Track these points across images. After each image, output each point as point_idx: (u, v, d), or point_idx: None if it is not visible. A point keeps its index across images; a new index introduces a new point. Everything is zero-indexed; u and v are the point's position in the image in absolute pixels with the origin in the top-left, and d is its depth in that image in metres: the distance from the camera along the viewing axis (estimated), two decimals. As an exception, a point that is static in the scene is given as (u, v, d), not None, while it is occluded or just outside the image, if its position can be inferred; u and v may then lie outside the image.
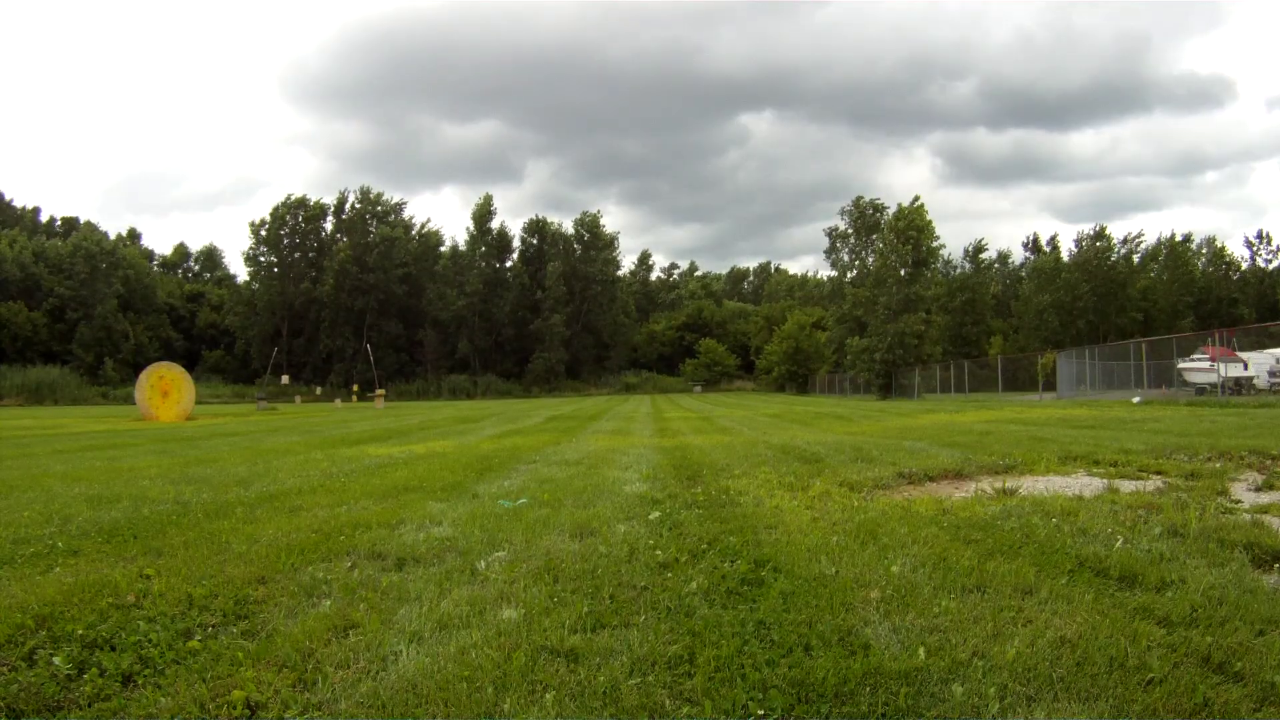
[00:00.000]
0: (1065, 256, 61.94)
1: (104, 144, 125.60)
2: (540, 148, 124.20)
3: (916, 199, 45.00)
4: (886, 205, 51.40)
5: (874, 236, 50.64)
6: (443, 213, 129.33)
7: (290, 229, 68.11)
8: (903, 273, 44.59)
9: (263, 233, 67.46)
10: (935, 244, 45.72)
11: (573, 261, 69.59)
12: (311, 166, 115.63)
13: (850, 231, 52.92)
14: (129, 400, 36.44)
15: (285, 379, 50.55)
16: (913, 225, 44.19)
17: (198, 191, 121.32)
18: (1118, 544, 3.17)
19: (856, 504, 4.40)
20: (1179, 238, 63.18)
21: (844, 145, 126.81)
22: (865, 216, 52.27)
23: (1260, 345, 24.58)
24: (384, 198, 69.62)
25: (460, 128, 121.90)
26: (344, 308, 64.94)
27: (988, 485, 5.01)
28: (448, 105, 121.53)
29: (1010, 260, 71.06)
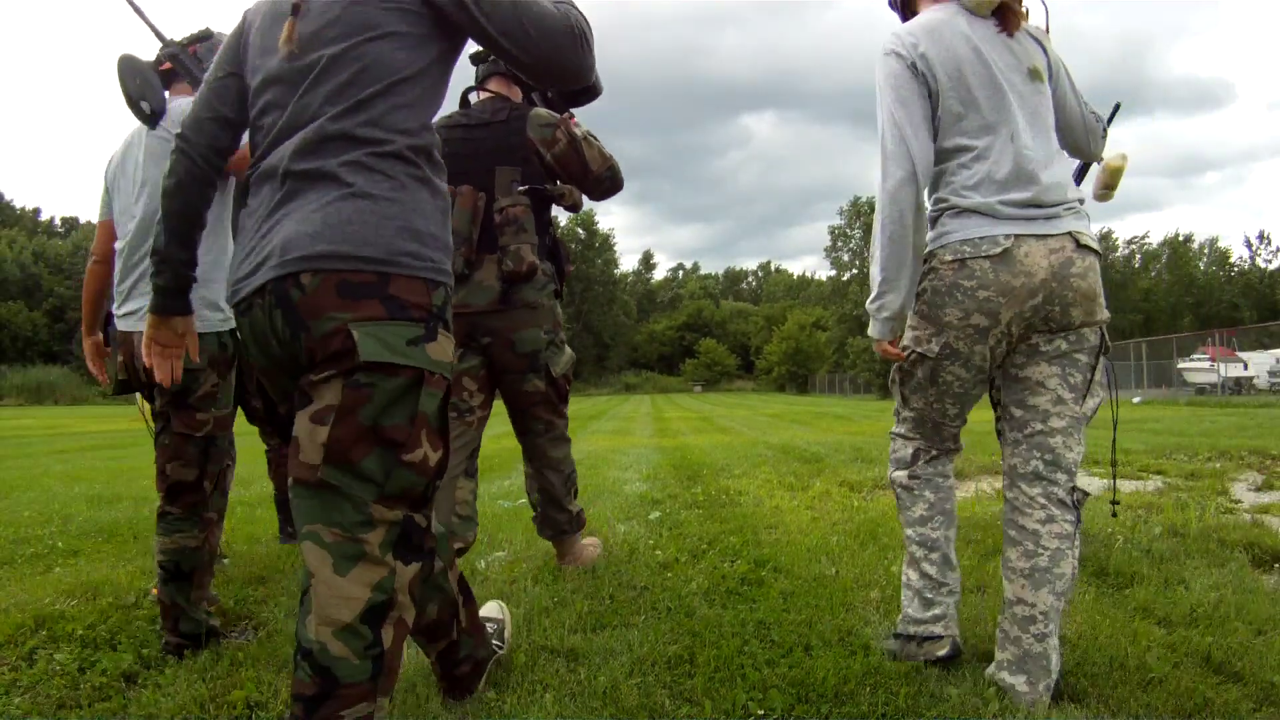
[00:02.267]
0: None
1: (108, 145, 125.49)
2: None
3: None
4: None
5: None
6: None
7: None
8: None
9: (263, 233, 67.51)
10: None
11: (574, 261, 69.81)
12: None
13: (851, 231, 52.89)
14: (129, 400, 36.37)
15: (285, 379, 50.43)
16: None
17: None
18: (1118, 544, 3.17)
19: (857, 504, 4.40)
20: (1180, 238, 63.16)
21: (846, 146, 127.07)
22: (865, 216, 52.31)
23: (1261, 345, 24.56)
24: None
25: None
26: (344, 308, 64.96)
27: (988, 485, 5.01)
28: (449, 105, 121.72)
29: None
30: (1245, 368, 22.56)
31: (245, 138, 1.52)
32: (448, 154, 2.03)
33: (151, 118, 2.22)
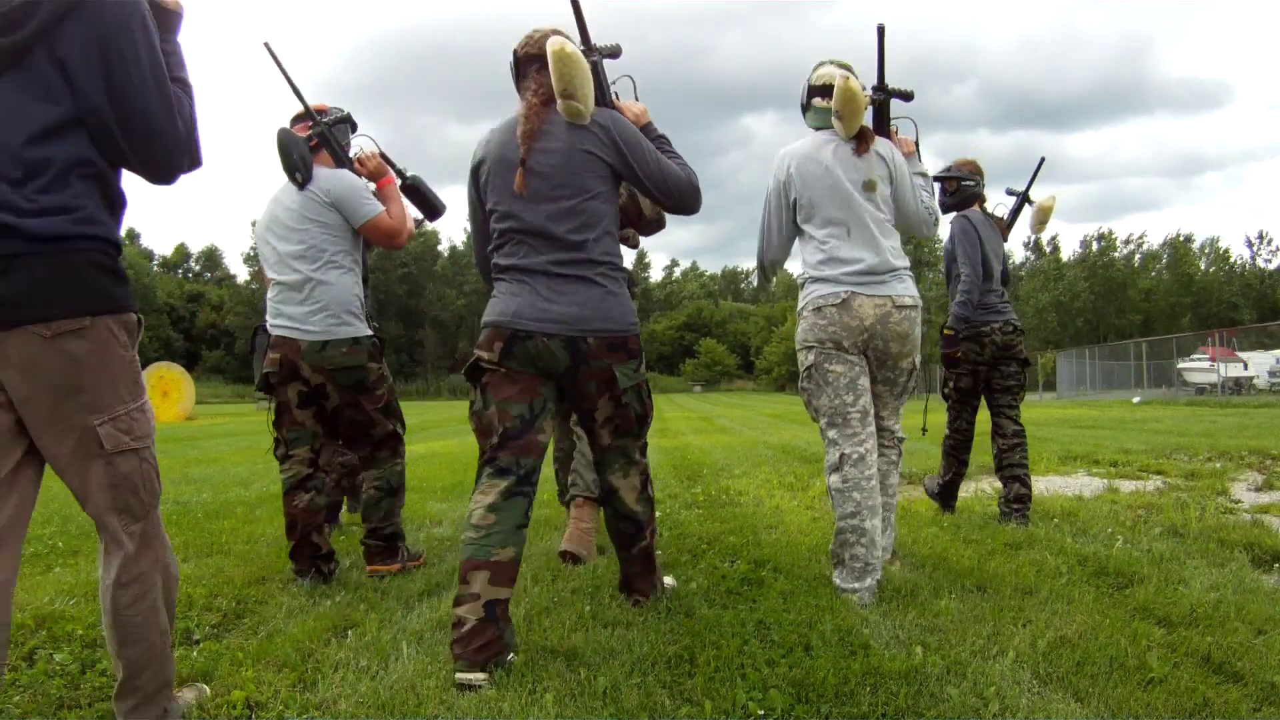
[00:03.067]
0: (1066, 257, 61.84)
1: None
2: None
3: None
4: None
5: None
6: (450, 213, 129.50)
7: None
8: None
9: (263, 233, 67.36)
10: (937, 244, 45.73)
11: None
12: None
13: None
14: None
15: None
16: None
17: (206, 191, 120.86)
18: (1118, 544, 3.17)
19: (856, 504, 4.39)
20: (1180, 238, 63.10)
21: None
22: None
23: (1262, 345, 24.48)
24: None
25: (466, 128, 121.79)
26: (344, 308, 64.83)
27: (988, 485, 5.01)
28: (454, 106, 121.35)
29: (1010, 260, 70.92)
30: (1245, 368, 22.56)
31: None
32: None
33: (303, 184, 2.93)
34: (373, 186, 3.05)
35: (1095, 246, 59.71)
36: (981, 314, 3.83)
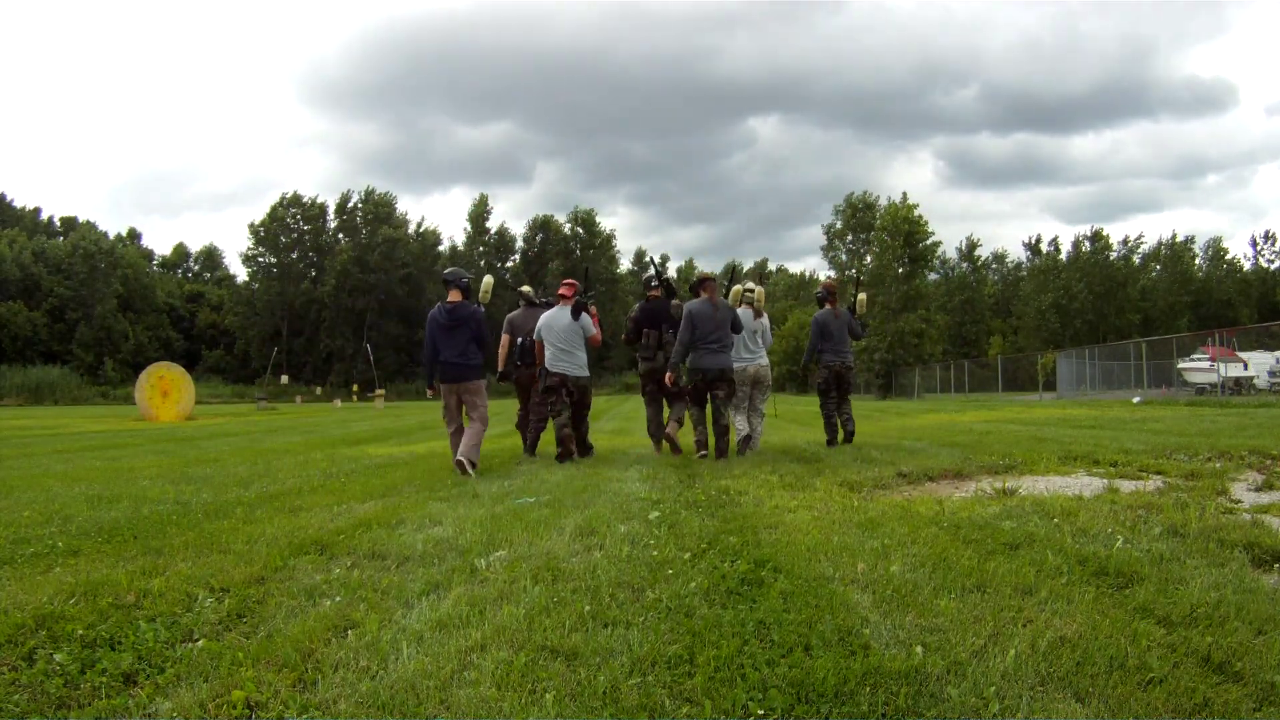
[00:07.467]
0: (1064, 257, 61.85)
1: (112, 144, 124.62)
2: (549, 150, 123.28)
3: (905, 197, 45.36)
4: (877, 195, 51.71)
5: (869, 235, 50.89)
6: (451, 214, 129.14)
7: (288, 228, 67.99)
8: (900, 270, 44.62)
9: (261, 233, 67.40)
10: (931, 240, 45.77)
11: (574, 261, 69.60)
12: (324, 168, 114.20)
13: (845, 229, 52.92)
14: (129, 400, 36.41)
15: (285, 379, 50.61)
16: (906, 219, 44.34)
17: (208, 192, 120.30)
18: (1118, 544, 3.17)
19: (856, 504, 4.40)
20: (1180, 239, 63.03)
21: (848, 148, 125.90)
22: (858, 214, 52.36)
23: (1262, 345, 24.44)
24: (385, 197, 69.52)
25: (472, 129, 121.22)
26: (344, 308, 64.96)
27: (988, 485, 5.01)
28: (460, 107, 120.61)
29: (1009, 260, 70.95)
30: (1245, 368, 22.53)
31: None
32: (649, 316, 7.97)
33: (575, 314, 7.03)
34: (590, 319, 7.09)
35: (1087, 246, 59.78)
36: (828, 356, 8.25)
